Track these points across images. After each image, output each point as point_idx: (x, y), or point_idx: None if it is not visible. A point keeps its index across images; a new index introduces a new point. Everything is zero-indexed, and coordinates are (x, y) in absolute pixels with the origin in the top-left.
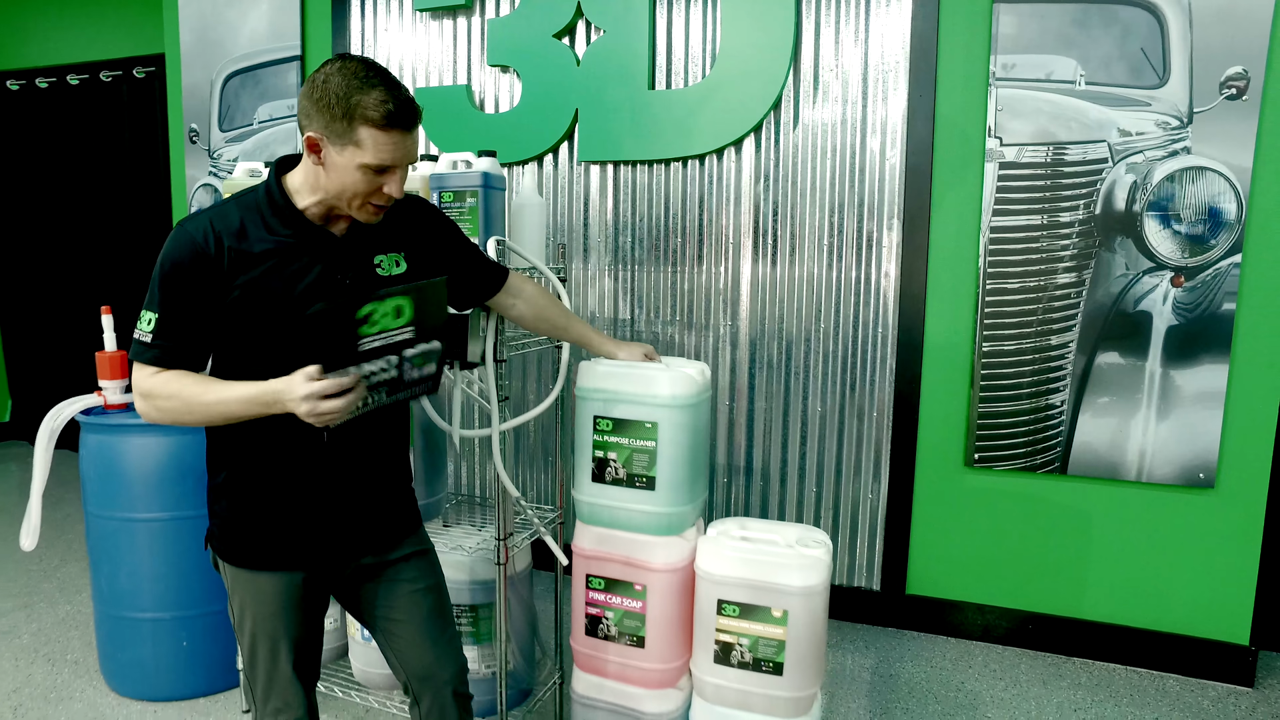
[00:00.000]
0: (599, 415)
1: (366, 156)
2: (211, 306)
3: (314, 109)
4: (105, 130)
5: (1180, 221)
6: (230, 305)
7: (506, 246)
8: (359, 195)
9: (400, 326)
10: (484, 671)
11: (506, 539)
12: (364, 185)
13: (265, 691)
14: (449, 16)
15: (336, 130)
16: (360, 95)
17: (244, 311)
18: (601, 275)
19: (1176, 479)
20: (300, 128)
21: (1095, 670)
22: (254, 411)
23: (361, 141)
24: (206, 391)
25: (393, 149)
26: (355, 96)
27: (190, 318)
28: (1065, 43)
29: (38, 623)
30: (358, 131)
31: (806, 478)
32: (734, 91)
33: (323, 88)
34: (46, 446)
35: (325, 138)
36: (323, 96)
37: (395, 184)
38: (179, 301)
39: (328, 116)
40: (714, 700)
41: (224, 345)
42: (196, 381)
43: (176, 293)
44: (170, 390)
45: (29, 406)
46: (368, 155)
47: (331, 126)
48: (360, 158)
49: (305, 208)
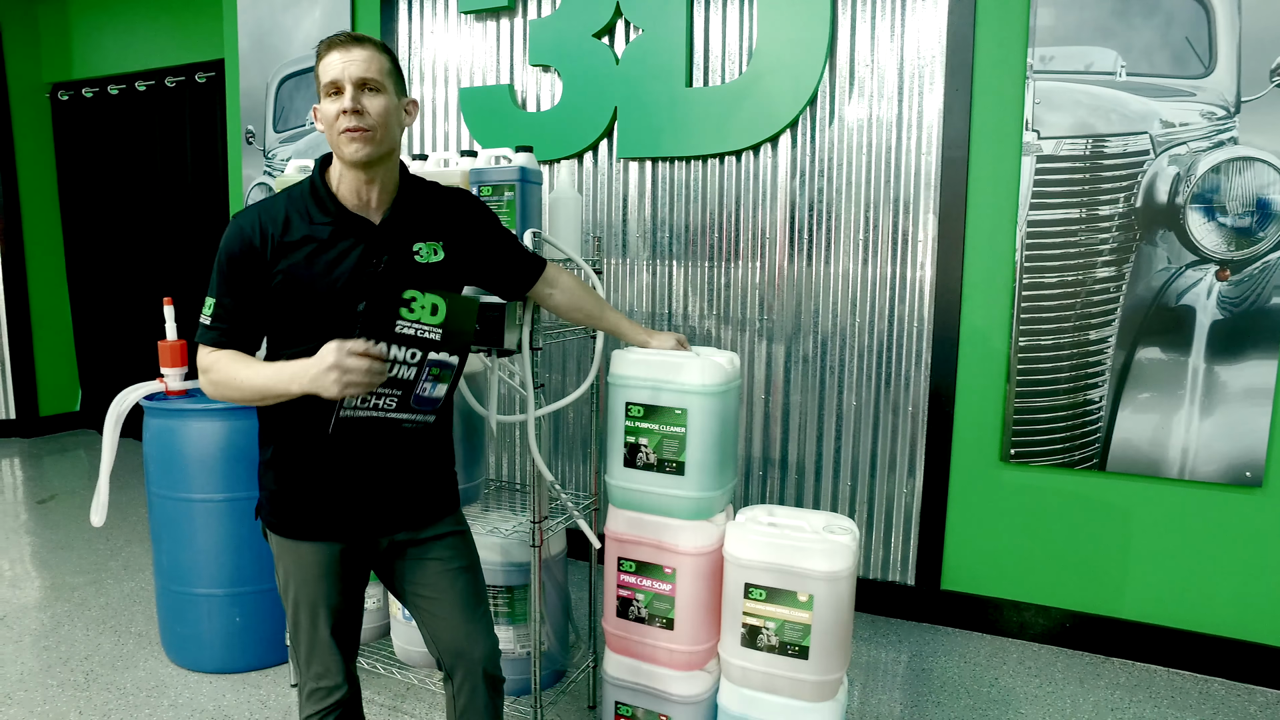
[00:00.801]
0: (630, 402)
1: (323, 80)
2: (259, 291)
3: None
4: (169, 133)
5: (1226, 214)
6: (275, 290)
7: (542, 238)
8: (330, 125)
9: (433, 325)
10: (519, 652)
11: (541, 522)
12: (330, 110)
13: (307, 657)
14: (492, 18)
15: (316, 84)
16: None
17: (287, 294)
18: (639, 270)
19: (1221, 477)
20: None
21: (1135, 671)
22: (278, 388)
23: (319, 74)
24: (243, 370)
25: (334, 64)
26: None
27: (241, 302)
28: (1105, 33)
29: (105, 597)
30: (317, 68)
31: (841, 472)
32: (770, 88)
33: None
34: (114, 429)
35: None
36: None
37: (347, 99)
38: (231, 288)
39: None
40: (741, 683)
41: (273, 326)
42: (239, 362)
43: (229, 280)
44: (219, 368)
45: (97, 397)
46: (323, 79)
47: (316, 85)
48: (321, 85)
49: (339, 192)
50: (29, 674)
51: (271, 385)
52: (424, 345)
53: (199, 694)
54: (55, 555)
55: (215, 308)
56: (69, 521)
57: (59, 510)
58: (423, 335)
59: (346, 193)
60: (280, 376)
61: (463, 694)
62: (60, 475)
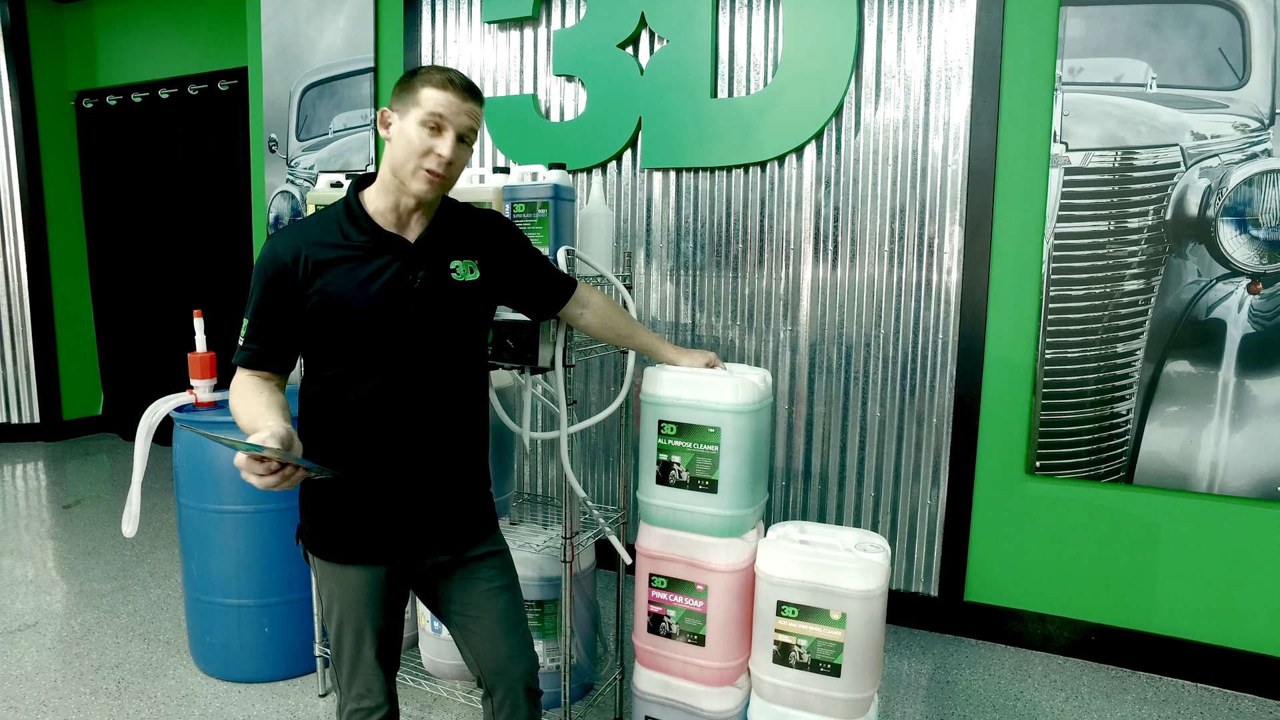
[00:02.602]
0: (663, 420)
1: (423, 111)
2: (293, 313)
3: (393, 93)
4: (191, 141)
5: (1259, 226)
6: (310, 310)
7: (575, 256)
8: (413, 156)
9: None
10: (549, 665)
11: (572, 538)
12: (419, 143)
13: (349, 677)
14: (515, 28)
15: (403, 99)
16: (426, 71)
17: (322, 314)
18: (664, 280)
19: (1252, 492)
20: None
21: (1163, 686)
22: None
23: (421, 100)
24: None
25: (447, 105)
26: (422, 71)
27: (275, 324)
28: (1136, 45)
29: (133, 604)
30: (419, 93)
31: (865, 482)
32: (796, 99)
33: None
34: (145, 441)
35: (394, 108)
36: (399, 81)
37: (446, 145)
38: (265, 309)
39: (399, 91)
40: (772, 699)
41: (308, 346)
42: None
43: (263, 301)
44: (237, 391)
45: (120, 401)
46: (425, 109)
47: (400, 97)
48: (418, 115)
49: (378, 211)
50: (63, 681)
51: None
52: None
53: (229, 703)
54: (82, 561)
55: (249, 329)
56: (95, 527)
57: (84, 515)
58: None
59: (385, 210)
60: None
61: (503, 711)
62: (85, 480)
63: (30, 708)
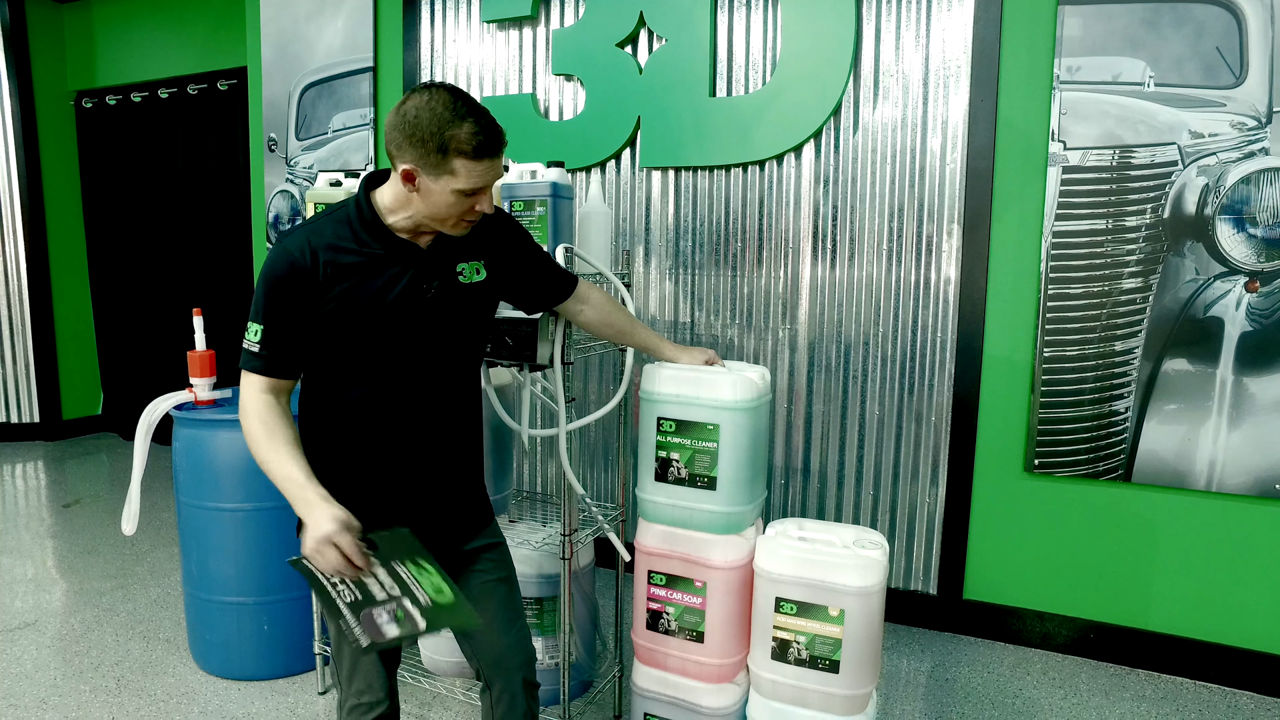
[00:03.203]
0: (662, 417)
1: (460, 183)
2: (310, 316)
3: (406, 142)
4: (191, 140)
5: (1256, 225)
6: (326, 315)
7: (574, 253)
8: (454, 216)
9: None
10: (548, 662)
11: (571, 535)
12: (459, 208)
13: (350, 673)
14: (514, 27)
15: (431, 162)
16: (452, 129)
17: (338, 320)
18: (662, 279)
19: (1249, 489)
20: (390, 156)
21: (1161, 683)
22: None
23: (456, 170)
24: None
25: (484, 174)
26: (448, 131)
27: (292, 328)
28: (1134, 44)
29: (133, 603)
30: (452, 162)
31: (864, 480)
32: (794, 98)
33: (414, 123)
34: (144, 439)
35: (420, 169)
36: (414, 132)
37: (486, 202)
38: (281, 313)
39: (421, 150)
40: (770, 696)
41: (320, 352)
42: (273, 434)
43: (278, 305)
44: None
45: (119, 400)
46: (461, 182)
47: (426, 159)
48: (455, 184)
49: (394, 224)
50: (62, 679)
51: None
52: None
53: (228, 701)
54: (82, 560)
55: (263, 334)
56: (94, 526)
57: (84, 515)
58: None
59: (402, 222)
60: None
61: (501, 703)
62: (84, 479)
63: (30, 705)
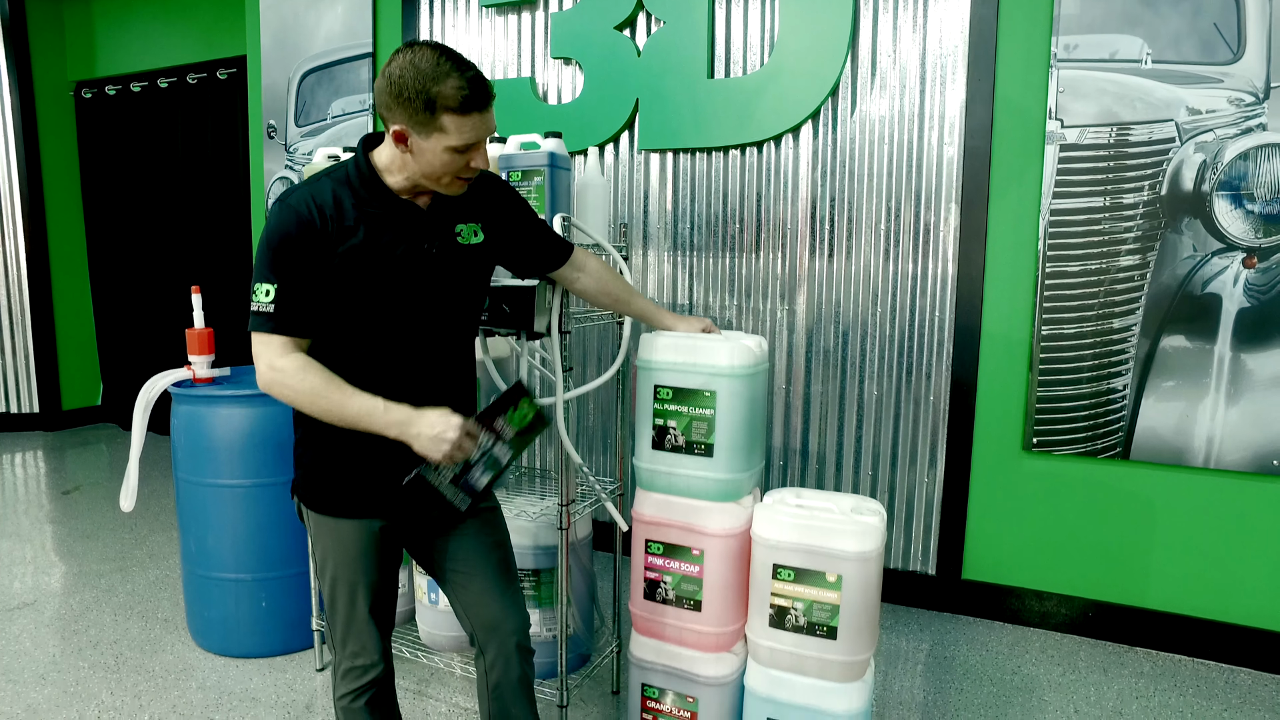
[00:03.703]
0: (659, 385)
1: (451, 140)
2: (319, 274)
3: (394, 103)
4: (190, 129)
5: (1254, 201)
6: (331, 273)
7: (571, 223)
8: (448, 174)
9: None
10: (545, 634)
11: (569, 504)
12: (452, 165)
13: (344, 635)
14: (513, 11)
15: (420, 120)
16: (437, 86)
17: (344, 279)
18: (661, 262)
19: (1247, 466)
20: (383, 119)
21: (1159, 660)
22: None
23: (445, 127)
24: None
25: (474, 128)
26: (433, 89)
27: (305, 285)
28: (1131, 21)
29: (131, 584)
30: (440, 119)
31: (862, 462)
32: (792, 79)
33: (400, 83)
34: (143, 414)
35: (410, 129)
36: (401, 92)
37: (480, 157)
38: (292, 270)
39: (410, 110)
40: (768, 664)
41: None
42: (328, 381)
43: (289, 262)
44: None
45: (119, 391)
46: (452, 139)
47: (415, 119)
48: (446, 141)
49: (392, 184)
50: (60, 656)
51: (368, 420)
52: (496, 439)
53: (226, 677)
54: (81, 544)
55: (276, 293)
56: (93, 512)
57: (83, 501)
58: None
59: (400, 182)
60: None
61: (496, 668)
62: (84, 467)
63: (28, 681)
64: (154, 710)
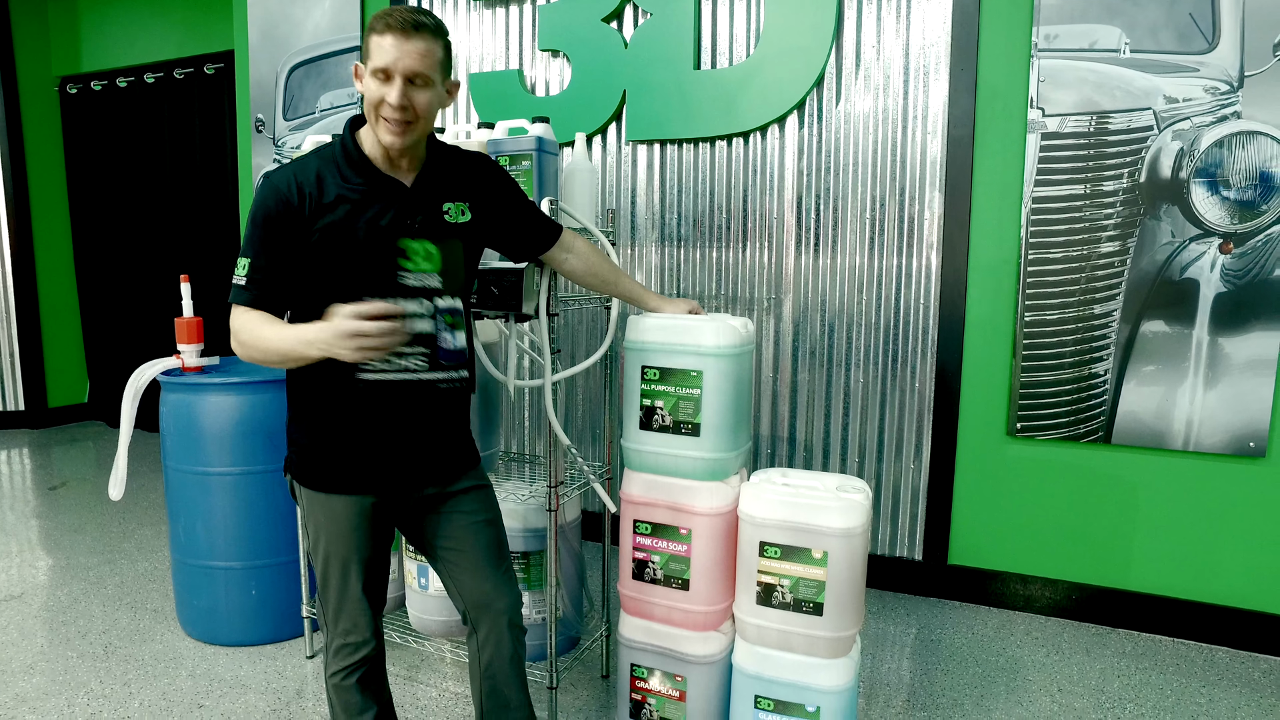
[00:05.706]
0: (647, 365)
1: (373, 61)
2: (296, 250)
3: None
4: (177, 124)
5: (1229, 187)
6: (311, 248)
7: (559, 208)
8: (373, 105)
9: (430, 271)
10: (534, 617)
11: (558, 486)
12: (374, 93)
13: (336, 612)
14: (501, 4)
15: (363, 49)
16: (375, 17)
17: (322, 253)
18: (648, 253)
19: (1225, 448)
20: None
21: (1140, 641)
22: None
23: (370, 50)
24: (268, 331)
25: (388, 50)
26: (372, 18)
27: (277, 261)
28: (1110, 11)
29: (120, 576)
30: (369, 42)
31: (849, 449)
32: (777, 70)
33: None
34: (132, 403)
35: (361, 61)
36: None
37: (394, 92)
38: (268, 246)
39: (362, 43)
40: (756, 641)
41: (307, 287)
42: (266, 324)
43: (266, 238)
44: (248, 329)
45: (106, 388)
46: (373, 60)
47: (361, 49)
48: (370, 64)
49: (373, 155)
50: (49, 646)
51: (292, 349)
52: (430, 294)
53: (216, 665)
54: (69, 538)
55: (250, 267)
56: (81, 507)
57: (70, 496)
58: (426, 285)
59: (379, 157)
60: (301, 340)
61: (488, 646)
62: (70, 464)
63: (17, 670)
64: (143, 698)
